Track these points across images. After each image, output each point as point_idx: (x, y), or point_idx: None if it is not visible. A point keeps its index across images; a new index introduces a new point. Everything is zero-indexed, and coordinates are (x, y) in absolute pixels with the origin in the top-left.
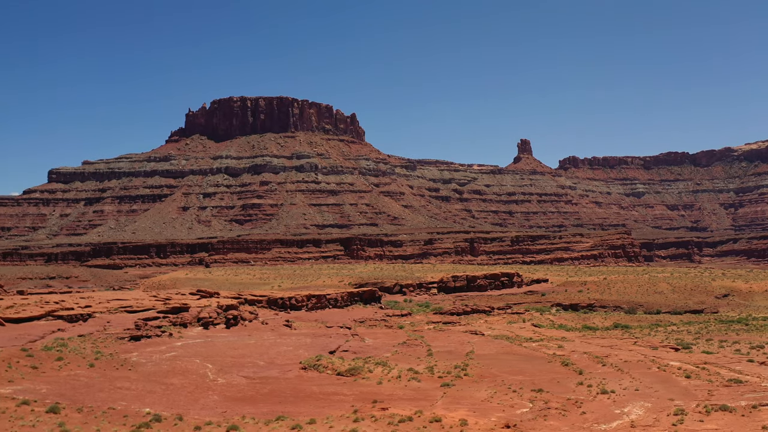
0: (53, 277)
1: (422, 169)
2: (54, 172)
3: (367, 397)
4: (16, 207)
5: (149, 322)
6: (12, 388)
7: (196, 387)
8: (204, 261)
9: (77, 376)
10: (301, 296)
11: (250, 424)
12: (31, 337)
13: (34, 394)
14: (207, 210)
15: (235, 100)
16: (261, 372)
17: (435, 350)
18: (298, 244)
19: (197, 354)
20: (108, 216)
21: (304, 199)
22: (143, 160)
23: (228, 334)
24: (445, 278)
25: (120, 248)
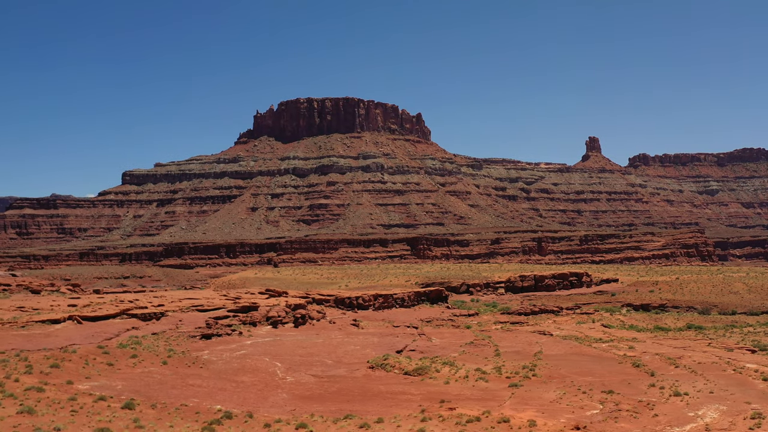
0: (127, 276)
1: (488, 168)
2: (127, 175)
3: (435, 397)
4: (92, 208)
5: (220, 320)
6: (89, 384)
7: (266, 385)
8: (272, 261)
9: (151, 373)
10: (368, 296)
11: (318, 422)
12: (107, 335)
13: (110, 390)
14: (275, 210)
15: (302, 101)
16: (329, 371)
17: (502, 350)
18: (365, 243)
19: (266, 352)
20: (179, 217)
21: (370, 198)
22: (213, 162)
23: (296, 333)
24: (513, 278)
25: (191, 248)
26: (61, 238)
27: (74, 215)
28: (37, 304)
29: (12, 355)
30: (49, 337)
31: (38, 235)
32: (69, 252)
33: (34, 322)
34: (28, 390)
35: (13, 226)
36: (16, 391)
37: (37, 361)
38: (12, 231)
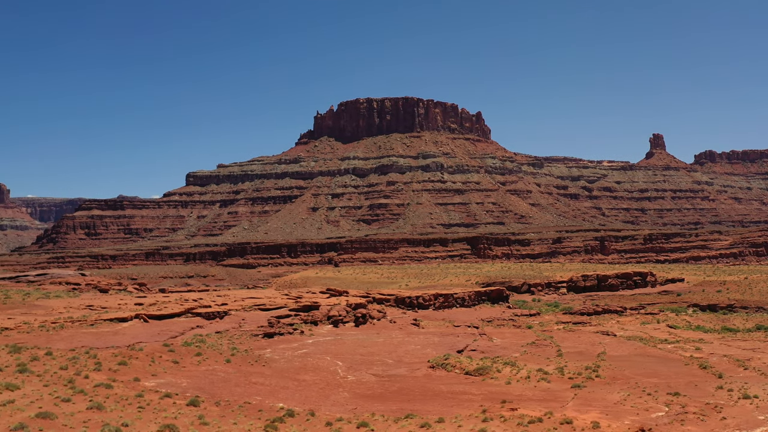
0: (192, 276)
1: (549, 167)
2: (191, 176)
3: (496, 397)
4: (157, 209)
5: (282, 319)
6: (155, 381)
7: (327, 384)
8: (333, 260)
9: (215, 371)
10: (428, 295)
11: (379, 421)
12: (172, 334)
13: (175, 387)
14: (335, 210)
15: (361, 101)
16: (390, 370)
17: (565, 351)
18: (425, 243)
19: (328, 351)
20: (241, 217)
21: (430, 198)
22: (274, 163)
23: (357, 332)
24: (575, 277)
25: (253, 248)
26: (127, 239)
27: (140, 216)
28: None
29: (82, 353)
30: (117, 335)
31: (106, 235)
32: (135, 252)
33: (103, 320)
34: (98, 386)
35: (82, 227)
36: (86, 387)
37: (105, 359)
38: (81, 231)
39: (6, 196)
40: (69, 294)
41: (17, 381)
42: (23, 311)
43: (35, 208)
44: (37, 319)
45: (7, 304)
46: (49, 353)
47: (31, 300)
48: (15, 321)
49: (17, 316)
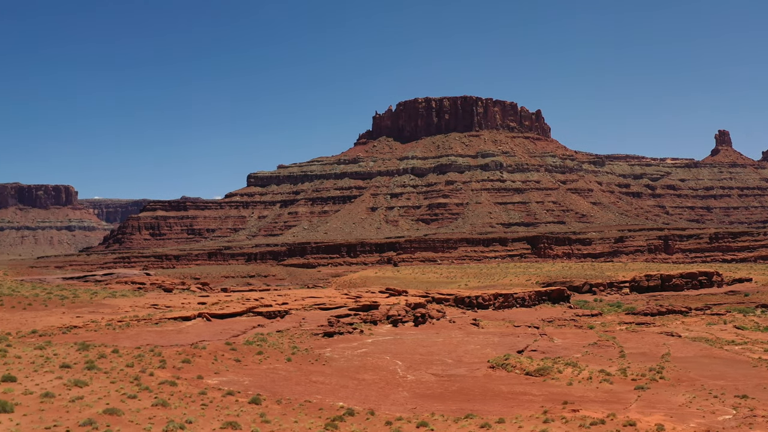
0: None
1: (611, 165)
2: (252, 177)
3: (557, 398)
4: (219, 210)
5: (341, 319)
6: (218, 379)
7: (387, 383)
8: (392, 260)
9: (276, 369)
10: (488, 295)
11: (439, 420)
12: (234, 332)
13: (237, 385)
14: (394, 210)
15: (420, 101)
16: (449, 370)
17: (628, 352)
18: (484, 242)
19: (387, 351)
20: (301, 217)
21: (489, 197)
22: (333, 163)
23: (416, 331)
24: (638, 277)
25: (313, 248)
26: (190, 239)
27: (203, 216)
28: (170, 302)
29: (147, 351)
30: (181, 333)
31: (170, 235)
32: (198, 252)
33: (167, 319)
34: (162, 384)
35: (147, 228)
36: (151, 384)
37: (170, 357)
38: (146, 232)
39: (74, 197)
40: (134, 293)
41: (85, 378)
42: (91, 310)
43: (102, 210)
44: (104, 317)
45: (75, 303)
46: (116, 351)
47: (99, 299)
48: (83, 319)
49: (85, 314)
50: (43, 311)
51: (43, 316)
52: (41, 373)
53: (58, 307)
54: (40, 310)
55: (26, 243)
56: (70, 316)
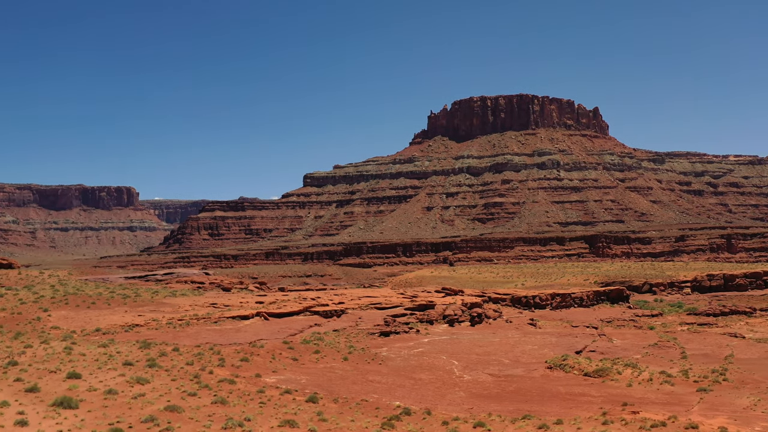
0: (309, 275)
1: (671, 162)
2: (308, 177)
3: (616, 400)
4: (276, 210)
5: (397, 318)
6: (276, 377)
7: (443, 383)
8: (448, 259)
9: (333, 368)
10: (545, 295)
11: (496, 421)
12: (291, 331)
13: (295, 384)
14: (450, 209)
15: (475, 100)
16: (506, 370)
17: (689, 353)
18: (541, 242)
19: (443, 350)
20: (357, 217)
21: (546, 196)
22: (389, 163)
23: (473, 331)
24: (699, 277)
25: (369, 248)
26: (248, 239)
27: (260, 217)
28: (228, 301)
29: (207, 349)
30: (239, 332)
31: (228, 235)
32: (256, 252)
33: (226, 318)
34: (221, 382)
35: (206, 228)
36: (210, 382)
37: (228, 355)
38: (205, 232)
39: (135, 198)
40: (194, 292)
41: (147, 375)
42: (152, 309)
43: (162, 210)
44: (164, 316)
45: (137, 302)
46: (176, 349)
47: (159, 298)
48: (145, 318)
49: (146, 313)
50: (107, 310)
51: (106, 315)
52: (105, 371)
53: (120, 306)
54: (103, 309)
55: (90, 243)
56: (132, 315)
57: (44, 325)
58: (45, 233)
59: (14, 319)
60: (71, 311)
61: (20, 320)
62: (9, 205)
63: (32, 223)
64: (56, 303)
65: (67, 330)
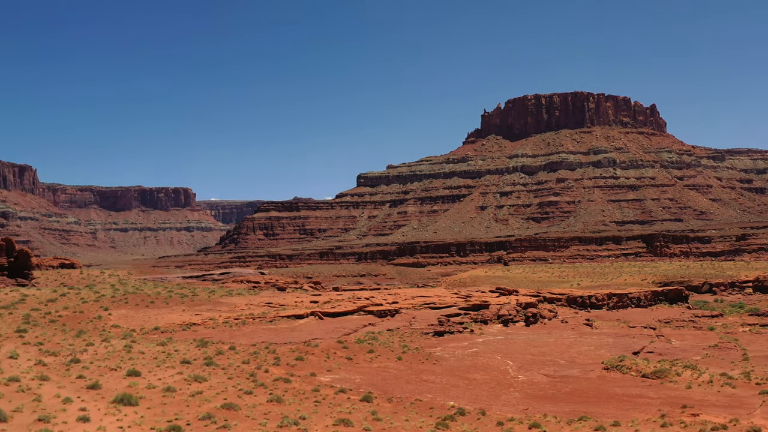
0: (363, 274)
1: (732, 159)
2: (362, 177)
3: (675, 402)
4: (330, 210)
5: (451, 318)
6: (330, 376)
7: (498, 383)
8: (502, 259)
9: (387, 368)
10: (601, 295)
11: (551, 422)
12: (346, 331)
13: (349, 383)
14: (504, 209)
15: (529, 98)
16: (561, 371)
17: (751, 354)
18: (597, 241)
19: (497, 350)
20: (411, 217)
21: (602, 195)
22: (442, 162)
23: (527, 331)
24: (762, 276)
25: (422, 247)
26: (302, 239)
27: (314, 217)
28: (283, 300)
29: (262, 348)
30: (294, 331)
31: (282, 235)
32: (310, 251)
33: (281, 317)
34: (277, 380)
35: (261, 228)
36: (266, 381)
37: (283, 354)
38: (260, 232)
39: (192, 199)
40: (249, 292)
41: (204, 373)
42: (209, 308)
43: (218, 211)
44: (221, 315)
45: (194, 301)
46: (233, 348)
47: (216, 297)
48: (202, 317)
49: (204, 312)
50: (165, 309)
51: (164, 314)
52: (163, 369)
53: (178, 305)
54: (161, 308)
55: (148, 243)
56: (190, 314)
57: (105, 323)
58: (105, 234)
59: (76, 318)
60: (131, 310)
61: (82, 319)
62: (71, 207)
63: (93, 223)
64: (116, 302)
65: (127, 328)
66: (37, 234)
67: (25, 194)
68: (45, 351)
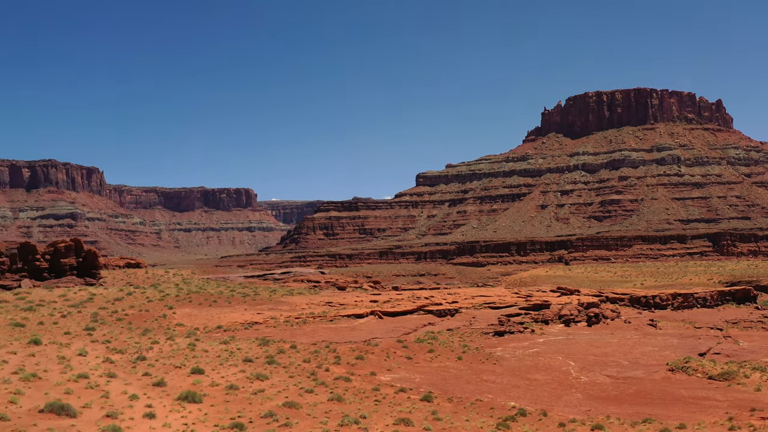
0: (423, 274)
1: None
2: (421, 176)
3: (744, 404)
4: (389, 210)
5: (512, 318)
6: (390, 376)
7: (559, 384)
8: (563, 258)
9: (447, 367)
10: (665, 295)
11: (615, 424)
12: (405, 330)
13: (409, 382)
14: (565, 207)
15: (590, 95)
16: (625, 372)
17: None
18: (661, 240)
19: (559, 351)
20: (470, 216)
21: (665, 193)
22: (501, 161)
23: (589, 332)
24: None
25: (482, 246)
26: (362, 238)
27: (373, 216)
28: (343, 300)
29: (323, 347)
30: (354, 330)
31: (342, 235)
32: (369, 251)
33: (341, 316)
34: (337, 379)
35: (321, 228)
36: (326, 379)
37: (344, 353)
38: (320, 232)
39: (254, 200)
40: (310, 291)
41: (266, 372)
42: (270, 307)
43: (279, 211)
44: (282, 314)
45: (256, 301)
46: (294, 347)
47: (277, 297)
48: (263, 316)
49: (265, 311)
50: (227, 308)
51: (227, 313)
52: (226, 367)
53: (240, 304)
54: (224, 307)
55: (211, 243)
56: (252, 313)
57: (169, 322)
58: (169, 234)
59: (142, 316)
60: (194, 309)
61: (147, 317)
62: (136, 207)
63: (158, 224)
64: (180, 301)
65: (191, 327)
66: (104, 234)
67: (92, 196)
68: (112, 349)
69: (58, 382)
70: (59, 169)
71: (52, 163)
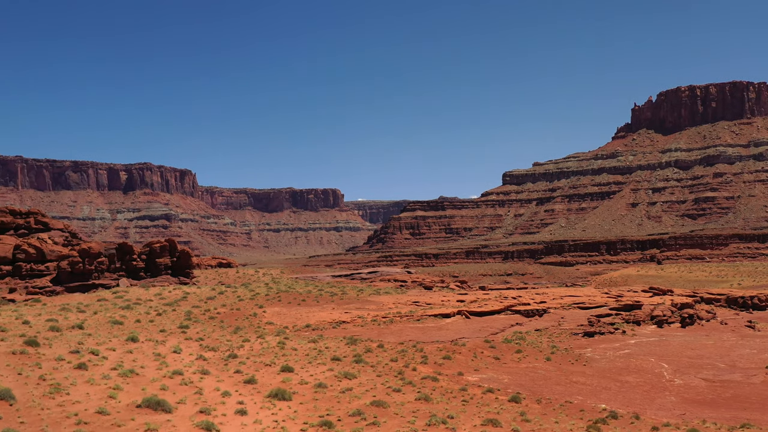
0: (510, 273)
1: None
2: (507, 175)
3: None
4: (476, 209)
5: (602, 318)
6: (478, 376)
7: (652, 386)
8: (655, 258)
9: (535, 368)
10: (764, 295)
11: (711, 429)
12: (492, 330)
13: (497, 383)
14: (656, 205)
15: (683, 89)
16: (721, 375)
17: None
18: (760, 238)
19: (651, 352)
20: (558, 215)
21: (764, 189)
22: (590, 159)
23: (683, 333)
24: None
25: (570, 246)
26: (448, 238)
27: (459, 216)
28: (430, 299)
29: (410, 346)
30: (441, 330)
31: (428, 234)
32: (456, 250)
33: (428, 316)
34: (424, 379)
35: (407, 227)
36: (414, 379)
37: (431, 353)
38: (406, 232)
39: (341, 200)
40: (397, 290)
41: (354, 370)
42: (357, 306)
43: (365, 211)
44: (369, 313)
45: (344, 300)
46: (381, 346)
47: (364, 296)
48: (351, 315)
49: (353, 310)
50: (315, 307)
51: (315, 312)
52: (314, 365)
53: (328, 303)
54: (312, 306)
55: (299, 243)
56: (339, 312)
57: (260, 320)
58: (259, 234)
59: (233, 315)
60: (283, 308)
61: (239, 316)
62: (227, 209)
63: (248, 224)
64: (270, 300)
65: (280, 325)
66: (197, 235)
67: (185, 197)
68: (205, 346)
69: (154, 378)
70: (154, 171)
71: (147, 166)
